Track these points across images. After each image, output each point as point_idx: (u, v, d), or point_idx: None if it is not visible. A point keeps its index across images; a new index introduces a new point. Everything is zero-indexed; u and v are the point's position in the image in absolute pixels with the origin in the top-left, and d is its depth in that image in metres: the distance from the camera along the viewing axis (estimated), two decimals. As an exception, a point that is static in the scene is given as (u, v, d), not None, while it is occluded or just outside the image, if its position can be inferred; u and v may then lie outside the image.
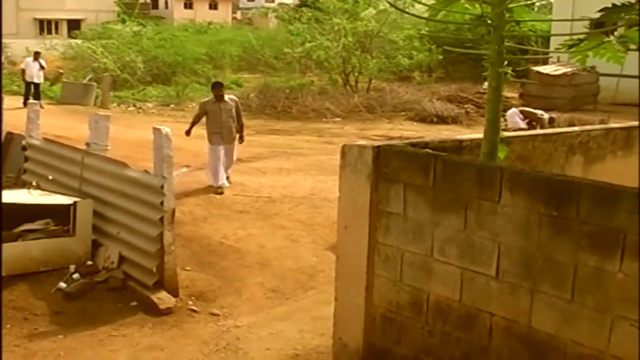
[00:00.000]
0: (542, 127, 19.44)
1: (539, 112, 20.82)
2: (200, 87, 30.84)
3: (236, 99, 14.81)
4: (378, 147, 6.11)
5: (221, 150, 13.98)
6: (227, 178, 14.14)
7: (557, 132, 8.29)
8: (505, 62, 5.97)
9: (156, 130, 8.46)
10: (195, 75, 32.68)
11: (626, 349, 4.76)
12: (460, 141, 6.86)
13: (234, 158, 14.53)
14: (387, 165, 6.02)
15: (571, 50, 6.11)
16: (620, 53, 5.95)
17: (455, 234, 5.60)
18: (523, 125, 19.62)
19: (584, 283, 4.91)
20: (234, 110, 14.19)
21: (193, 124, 14.44)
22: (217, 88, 14.32)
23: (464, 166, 5.61)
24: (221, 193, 13.40)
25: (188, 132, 14.24)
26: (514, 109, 20.78)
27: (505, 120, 20.74)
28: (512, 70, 6.05)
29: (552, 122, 20.39)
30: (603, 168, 7.67)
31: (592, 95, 27.45)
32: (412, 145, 6.31)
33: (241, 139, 14.52)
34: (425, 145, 6.34)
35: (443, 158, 5.70)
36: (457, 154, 6.40)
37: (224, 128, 13.98)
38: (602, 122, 18.29)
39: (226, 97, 14.29)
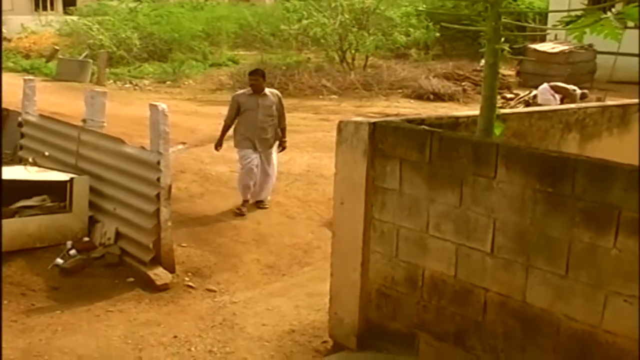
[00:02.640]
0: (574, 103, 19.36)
1: (570, 87, 20.66)
2: (197, 64, 30.72)
3: (279, 93, 11.64)
4: (374, 123, 6.12)
5: (253, 157, 11.09)
6: (261, 202, 11.37)
7: (553, 109, 8.29)
8: (502, 39, 5.98)
9: (153, 107, 8.46)
10: (191, 52, 32.53)
11: (619, 324, 4.79)
12: (457, 118, 6.87)
13: (274, 171, 11.54)
14: (383, 142, 6.03)
15: (569, 27, 6.11)
16: (618, 30, 5.95)
17: (450, 210, 5.63)
18: (555, 102, 19.44)
19: (578, 259, 4.94)
20: (274, 108, 11.22)
21: (225, 128, 11.46)
22: (255, 76, 11.30)
23: (460, 142, 5.62)
24: (241, 214, 10.91)
25: (218, 146, 11.48)
26: (545, 85, 20.49)
27: (535, 97, 20.70)
28: (510, 48, 6.06)
29: (584, 98, 20.30)
30: (599, 145, 7.69)
31: (589, 73, 27.35)
32: (408, 121, 6.32)
33: (282, 146, 11.63)
34: (422, 121, 6.35)
35: (439, 134, 5.72)
36: (453, 130, 6.41)
37: (258, 130, 11.05)
38: (598, 99, 18.29)
39: (267, 90, 11.28)
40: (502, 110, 6.75)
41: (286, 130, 11.70)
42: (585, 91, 21.07)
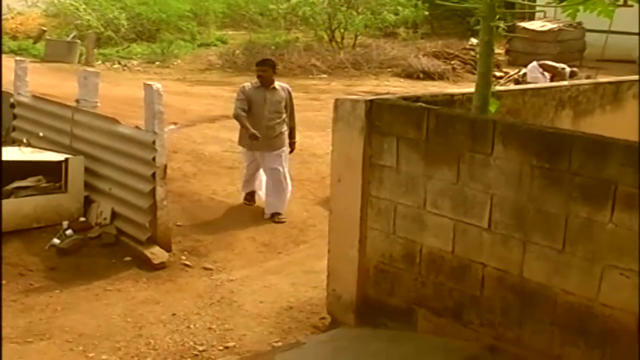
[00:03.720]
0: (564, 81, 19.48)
1: (559, 65, 20.76)
2: (185, 45, 30.63)
3: (289, 88, 10.48)
4: (371, 100, 6.17)
5: (252, 156, 10.24)
6: (276, 214, 10.06)
7: (546, 86, 8.36)
8: (497, 17, 6.02)
9: (147, 86, 8.46)
10: (179, 32, 32.42)
11: (615, 297, 4.88)
12: (452, 95, 6.93)
13: (286, 176, 10.21)
14: (379, 119, 6.08)
15: (562, 4, 6.16)
16: (611, 7, 6.00)
17: (448, 187, 5.69)
18: (544, 80, 19.53)
19: (575, 233, 5.01)
20: (283, 104, 10.13)
21: (245, 118, 9.92)
22: (263, 66, 10.16)
23: (456, 119, 5.68)
24: (249, 203, 10.47)
25: (252, 134, 9.73)
26: (534, 63, 20.60)
27: (524, 75, 20.75)
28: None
29: (573, 76, 20.41)
30: (592, 122, 7.75)
31: (578, 51, 27.41)
32: (404, 99, 6.37)
33: (291, 147, 10.50)
34: (417, 99, 6.39)
35: (436, 111, 5.77)
36: (448, 108, 6.45)
37: (263, 128, 9.87)
38: (588, 77, 18.36)
39: (277, 84, 10.18)
40: (497, 88, 6.79)
41: (296, 130, 10.60)
42: (575, 69, 21.16)
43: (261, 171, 10.38)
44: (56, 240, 8.58)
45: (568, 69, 20.53)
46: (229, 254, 8.82)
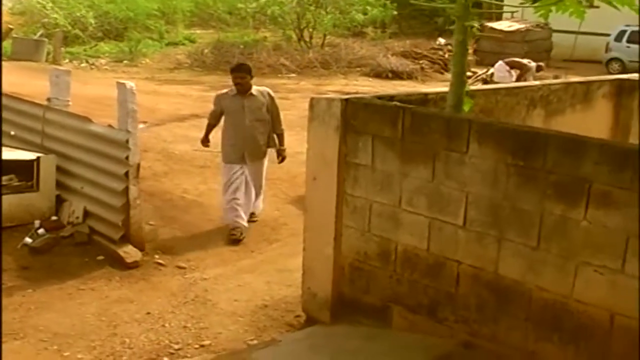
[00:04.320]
0: (529, 76, 19.77)
1: (525, 60, 20.98)
2: (153, 43, 30.59)
3: (271, 92, 9.64)
4: (346, 100, 6.20)
5: (239, 172, 9.40)
6: (251, 214, 9.82)
7: (518, 85, 8.44)
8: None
9: (120, 85, 8.43)
10: (147, 31, 32.34)
11: (590, 294, 4.95)
12: (426, 94, 6.98)
13: (262, 181, 9.87)
14: (355, 118, 6.12)
15: (535, 5, 6.23)
16: (582, 8, 6.09)
17: (423, 185, 5.73)
18: (511, 78, 19.74)
19: (549, 231, 5.07)
20: (264, 110, 9.39)
21: (209, 127, 9.80)
22: (240, 72, 9.35)
23: (432, 118, 5.73)
24: (236, 239, 9.22)
25: (205, 140, 9.88)
26: (500, 62, 20.79)
27: (492, 75, 20.94)
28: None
29: (539, 70, 20.68)
30: (563, 121, 7.83)
31: (546, 51, 27.72)
32: (379, 98, 6.41)
33: (281, 155, 9.85)
34: (392, 98, 6.44)
35: (411, 110, 5.81)
36: (423, 106, 6.50)
37: (246, 139, 9.32)
38: (556, 77, 18.56)
39: (255, 89, 9.40)
40: (471, 87, 6.85)
41: (284, 136, 9.84)
42: (541, 63, 21.42)
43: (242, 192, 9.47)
44: (28, 240, 8.53)
45: (534, 64, 20.77)
46: (202, 253, 8.81)
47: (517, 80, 20.07)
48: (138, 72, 25.85)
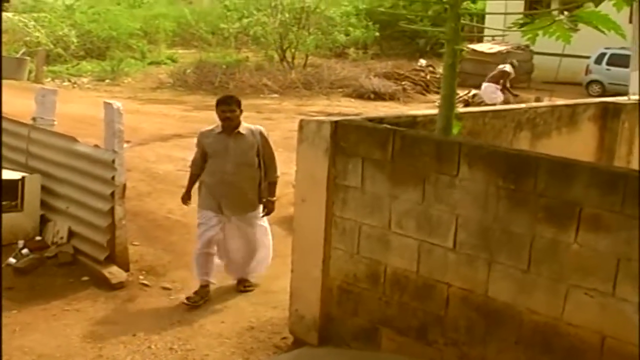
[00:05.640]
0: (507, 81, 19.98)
1: (500, 66, 21.17)
2: (135, 63, 30.56)
3: (264, 131, 8.12)
4: (336, 122, 6.21)
5: (214, 222, 7.97)
6: (244, 281, 8.39)
7: (506, 108, 8.48)
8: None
9: (107, 105, 8.41)
10: (129, 50, 32.34)
11: (580, 316, 4.96)
12: (414, 117, 6.99)
13: (266, 241, 8.51)
14: (345, 140, 6.12)
15: (523, 29, 6.28)
16: (570, 32, 6.14)
17: (413, 207, 5.74)
18: (500, 99, 19.92)
19: (540, 254, 5.09)
20: (254, 153, 7.93)
21: (191, 179, 8.29)
22: (229, 105, 7.88)
23: (422, 141, 5.75)
24: (192, 304, 7.80)
25: (185, 197, 8.37)
26: (486, 84, 20.84)
27: (474, 96, 21.08)
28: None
29: (514, 66, 20.95)
30: (549, 144, 7.89)
31: (526, 73, 27.91)
32: (369, 120, 6.42)
33: (266, 208, 8.23)
34: (381, 120, 6.46)
35: (402, 132, 5.83)
36: (412, 129, 6.51)
37: (225, 187, 7.90)
38: (537, 99, 18.67)
39: (245, 126, 7.95)
40: (461, 110, 6.89)
41: (276, 186, 8.28)
42: (514, 61, 21.69)
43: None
44: (12, 260, 8.47)
45: (507, 66, 20.95)
46: (187, 274, 8.74)
47: (503, 88, 20.33)
48: (121, 91, 25.80)
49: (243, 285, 8.33)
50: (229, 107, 7.86)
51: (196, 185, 8.25)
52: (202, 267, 8.03)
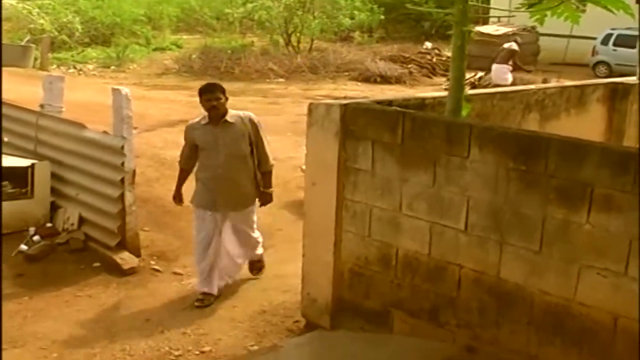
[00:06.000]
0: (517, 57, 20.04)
1: (506, 45, 21.00)
2: (140, 49, 30.57)
3: (254, 117, 7.62)
4: (345, 105, 6.21)
5: (209, 221, 7.55)
6: (255, 262, 8.20)
7: (514, 90, 8.48)
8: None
9: (116, 91, 8.42)
10: (134, 37, 32.35)
11: (593, 297, 4.96)
12: (423, 99, 6.99)
13: (253, 235, 7.93)
14: (354, 123, 6.12)
15: (530, 10, 6.26)
16: (578, 13, 6.13)
17: (423, 190, 5.74)
18: (510, 80, 19.81)
19: (551, 235, 5.09)
20: (246, 142, 7.46)
21: (181, 175, 7.89)
22: (213, 93, 7.37)
23: (432, 123, 5.74)
24: (202, 304, 7.45)
25: (176, 196, 7.92)
26: (496, 65, 20.68)
27: (480, 78, 20.95)
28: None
29: (519, 43, 20.85)
30: (558, 125, 7.87)
31: (532, 55, 27.80)
32: (378, 103, 6.42)
33: (262, 199, 7.81)
34: (390, 103, 6.45)
35: (412, 115, 5.83)
36: (421, 111, 6.51)
37: (220, 182, 7.45)
38: (544, 81, 18.61)
39: (233, 114, 7.48)
40: (470, 91, 6.89)
41: (271, 175, 7.86)
42: (517, 37, 21.61)
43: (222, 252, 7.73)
44: (23, 247, 8.51)
45: (512, 44, 20.82)
46: (198, 259, 8.80)
47: (514, 67, 20.20)
48: (126, 77, 25.82)
49: (257, 268, 8.22)
50: (213, 95, 7.35)
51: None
52: (203, 271, 7.60)
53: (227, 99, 7.46)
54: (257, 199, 7.76)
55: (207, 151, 7.46)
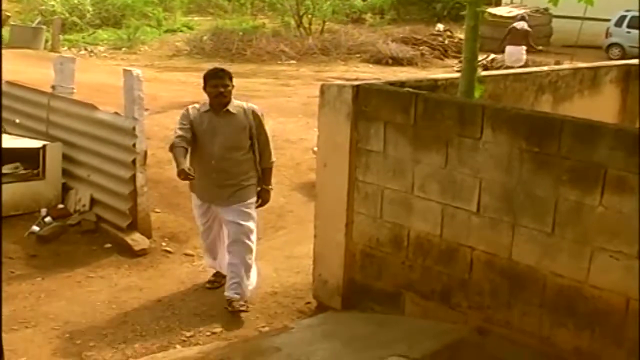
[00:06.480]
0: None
1: (518, 25, 20.86)
2: (151, 30, 30.52)
3: (257, 110, 7.02)
4: (357, 86, 6.18)
5: (208, 212, 7.14)
6: (231, 302, 6.82)
7: (527, 71, 8.43)
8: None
9: (127, 72, 8.42)
10: (145, 18, 32.30)
11: (605, 279, 4.95)
12: (436, 80, 6.96)
13: (250, 236, 6.99)
14: (366, 104, 6.10)
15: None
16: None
17: (436, 171, 5.72)
18: (523, 61, 19.71)
19: (564, 216, 5.07)
20: (247, 134, 6.88)
21: (180, 151, 6.74)
22: (219, 79, 6.79)
23: (445, 104, 5.72)
24: (212, 286, 7.37)
25: (184, 172, 6.50)
26: (511, 47, 20.54)
27: (492, 60, 20.86)
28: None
29: (527, 20, 20.89)
30: (571, 107, 7.82)
31: (545, 37, 27.65)
32: (391, 84, 6.39)
33: (262, 196, 7.14)
34: (403, 84, 6.42)
35: (424, 96, 5.80)
36: (434, 92, 6.48)
37: (212, 175, 6.86)
38: (557, 63, 18.51)
39: (236, 104, 6.92)
40: (483, 72, 6.85)
41: (271, 172, 7.22)
42: (525, 15, 21.48)
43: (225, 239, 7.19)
44: (36, 228, 8.54)
45: (524, 23, 20.70)
46: (209, 240, 8.81)
47: (528, 47, 20.16)
48: (137, 59, 25.80)
49: (230, 304, 6.84)
50: (221, 82, 6.78)
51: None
52: (208, 249, 7.39)
53: (233, 86, 6.91)
54: (255, 195, 7.06)
55: (204, 141, 6.83)
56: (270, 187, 7.17)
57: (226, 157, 6.83)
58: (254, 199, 7.05)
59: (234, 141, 6.85)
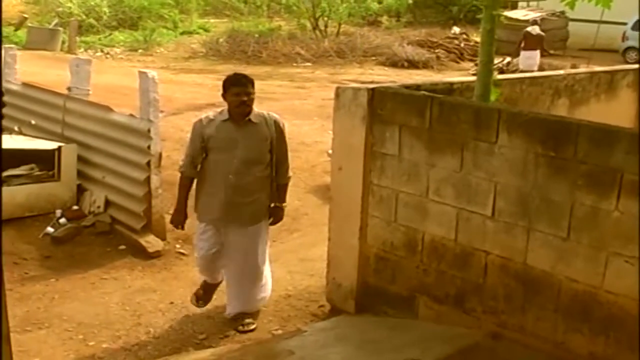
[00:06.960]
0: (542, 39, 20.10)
1: (529, 29, 20.89)
2: (168, 32, 30.61)
3: (279, 120, 6.49)
4: (373, 89, 6.17)
5: (214, 234, 6.56)
6: (241, 316, 6.64)
7: (543, 75, 8.40)
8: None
9: (142, 74, 8.42)
10: (161, 20, 32.38)
11: (620, 284, 4.91)
12: (451, 84, 6.94)
13: (261, 259, 6.61)
14: (382, 107, 6.08)
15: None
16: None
17: (451, 175, 5.70)
18: (537, 66, 19.76)
19: (580, 221, 5.04)
20: (267, 147, 6.34)
21: (182, 185, 6.63)
22: (243, 86, 6.21)
23: (460, 107, 5.69)
24: (196, 302, 6.87)
25: (180, 217, 6.78)
26: (527, 52, 20.55)
27: (508, 64, 20.87)
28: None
29: (539, 24, 21.07)
30: (587, 111, 7.79)
31: (561, 40, 27.57)
32: (406, 87, 6.38)
33: (274, 216, 6.68)
34: (418, 87, 6.41)
35: (440, 100, 5.78)
36: (449, 96, 6.46)
37: (229, 192, 6.30)
38: (573, 67, 18.46)
39: (257, 113, 6.35)
40: (498, 76, 6.83)
41: (287, 189, 6.71)
42: (537, 19, 21.56)
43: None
44: (50, 229, 8.55)
45: (536, 27, 20.74)
46: (223, 243, 8.80)
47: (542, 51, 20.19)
48: (153, 61, 25.87)
49: (242, 324, 6.61)
50: (244, 89, 6.22)
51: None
52: (205, 271, 6.88)
53: (252, 87, 6.32)
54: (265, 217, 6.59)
55: (220, 154, 6.28)
56: (284, 204, 6.67)
57: (247, 171, 6.28)
58: (267, 221, 6.64)
59: (255, 154, 6.31)
